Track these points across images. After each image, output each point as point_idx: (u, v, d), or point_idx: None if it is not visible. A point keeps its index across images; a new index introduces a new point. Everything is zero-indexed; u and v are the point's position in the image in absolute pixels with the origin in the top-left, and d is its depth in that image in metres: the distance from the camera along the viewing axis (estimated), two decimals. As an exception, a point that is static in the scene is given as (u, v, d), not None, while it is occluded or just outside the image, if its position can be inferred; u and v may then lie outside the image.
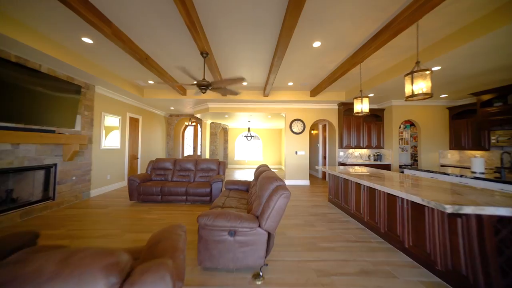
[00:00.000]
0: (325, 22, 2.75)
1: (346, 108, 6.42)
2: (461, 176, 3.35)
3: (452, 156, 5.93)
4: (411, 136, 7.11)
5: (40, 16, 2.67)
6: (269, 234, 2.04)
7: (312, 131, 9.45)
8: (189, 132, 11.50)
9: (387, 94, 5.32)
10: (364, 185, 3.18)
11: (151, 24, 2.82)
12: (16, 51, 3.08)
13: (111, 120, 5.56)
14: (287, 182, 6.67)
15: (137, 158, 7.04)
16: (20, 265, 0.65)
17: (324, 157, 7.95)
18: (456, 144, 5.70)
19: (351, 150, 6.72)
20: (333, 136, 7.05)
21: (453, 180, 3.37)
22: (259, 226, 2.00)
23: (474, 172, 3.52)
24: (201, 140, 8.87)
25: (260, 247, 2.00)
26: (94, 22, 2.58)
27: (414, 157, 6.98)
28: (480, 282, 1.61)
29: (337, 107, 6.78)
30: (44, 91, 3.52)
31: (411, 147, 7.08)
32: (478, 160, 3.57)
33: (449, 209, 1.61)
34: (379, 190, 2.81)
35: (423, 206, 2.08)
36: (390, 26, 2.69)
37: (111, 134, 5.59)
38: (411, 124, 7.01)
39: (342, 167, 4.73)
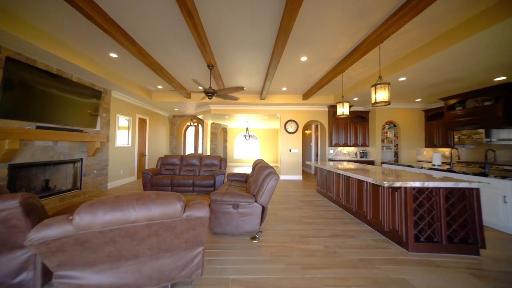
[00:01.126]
0: (308, 44, 3.46)
1: (335, 110, 7.12)
2: (421, 168, 4.08)
3: (427, 153, 6.68)
4: (394, 136, 7.85)
5: (80, 37, 3.33)
6: (263, 207, 2.74)
7: (306, 131, 10.17)
8: (190, 132, 12.15)
9: (369, 98, 6.04)
10: (341, 175, 3.90)
11: (169, 44, 3.50)
12: (56, 65, 3.73)
13: (122, 121, 6.22)
14: (282, 177, 7.38)
15: (145, 155, 7.69)
16: (137, 195, 1.34)
17: (317, 155, 8.67)
18: (430, 142, 6.46)
19: (339, 148, 7.44)
20: (324, 135, 7.77)
21: (415, 171, 4.09)
22: (255, 201, 2.69)
23: (434, 165, 4.25)
24: (203, 139, 9.54)
25: (256, 217, 2.69)
26: (123, 43, 3.25)
27: (397, 155, 7.73)
28: (403, 234, 2.32)
29: (327, 109, 7.50)
30: (74, 97, 4.17)
31: (395, 146, 7.82)
32: (437, 155, 4.30)
33: (386, 184, 2.32)
34: (353, 178, 3.52)
35: (378, 186, 2.79)
36: (360, 47, 3.41)
37: (122, 134, 6.24)
38: (394, 124, 7.75)
39: (331, 163, 5.44)
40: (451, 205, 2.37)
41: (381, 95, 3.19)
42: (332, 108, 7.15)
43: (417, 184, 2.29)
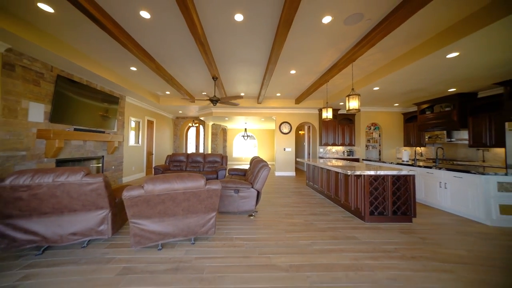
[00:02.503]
0: (296, 60, 4.26)
1: (324, 113, 7.94)
2: (391, 163, 4.91)
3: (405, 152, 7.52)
4: (379, 136, 8.69)
5: (110, 57, 4.10)
6: (258, 192, 3.54)
7: (300, 132, 10.99)
8: (191, 132, 12.91)
9: (352, 103, 6.86)
10: (324, 169, 4.71)
11: (182, 61, 4.28)
12: (87, 77, 4.50)
13: (134, 123, 6.97)
14: (277, 174, 8.19)
15: (152, 154, 8.45)
16: (176, 174, 2.13)
17: (309, 153, 9.49)
18: (407, 142, 7.31)
19: (329, 147, 8.27)
20: (315, 135, 8.59)
21: (385, 165, 4.92)
22: (252, 187, 3.49)
23: (403, 161, 5.08)
24: (204, 139, 10.31)
25: (253, 199, 3.49)
26: (144, 60, 4.02)
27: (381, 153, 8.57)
28: (362, 210, 3.14)
29: (317, 112, 8.32)
30: (98, 103, 4.93)
31: (379, 145, 8.67)
32: (405, 153, 5.14)
33: (349, 172, 3.13)
34: (332, 171, 4.33)
35: (348, 176, 3.60)
36: (337, 64, 4.22)
37: (134, 134, 7.00)
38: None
39: (321, 160, 6.24)
40: (397, 188, 3.19)
41: (353, 104, 4.00)
42: (322, 111, 7.97)
43: (372, 172, 3.10)
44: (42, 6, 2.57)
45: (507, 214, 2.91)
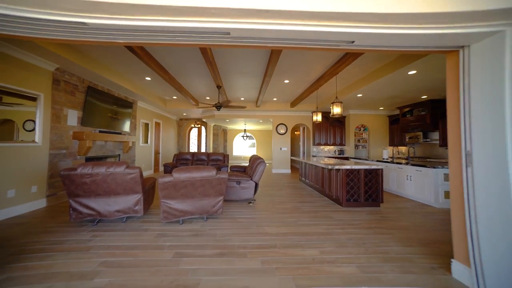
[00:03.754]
0: (288, 72, 4.99)
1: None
2: (372, 160, 5.66)
3: (390, 151, 8.29)
4: (368, 136, 9.44)
5: (131, 70, 4.82)
6: (256, 183, 4.27)
7: (296, 132, 11.73)
8: (193, 133, 13.62)
9: (344, 106, 7.61)
10: (312, 165, 5.45)
11: (191, 74, 5.01)
12: (108, 86, 5.21)
13: (143, 124, 7.69)
14: (274, 171, 8.93)
15: (159, 153, 9.16)
16: (195, 167, 2.86)
17: (304, 152, 10.24)
18: (391, 142, 8.07)
19: (321, 147, 9.01)
20: (309, 136, 9.33)
21: (365, 162, 5.66)
22: (251, 179, 4.22)
23: (383, 159, 5.83)
24: (206, 139, 11.03)
25: (252, 189, 4.22)
26: (159, 72, 4.73)
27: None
28: (340, 198, 3.88)
29: (311, 114, 9.06)
30: (116, 108, 5.64)
31: (368, 145, 9.42)
32: (385, 151, 5.89)
33: (330, 167, 3.88)
34: (319, 166, 5.06)
35: (330, 169, 4.34)
36: (324, 76, 4.96)
37: (143, 135, 7.72)
38: (366, 127, 9.34)
39: (314, 158, 6.98)
40: (369, 180, 3.94)
41: (337, 109, 4.73)
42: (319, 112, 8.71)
43: (348, 167, 3.85)
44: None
45: (449, 198, 3.67)
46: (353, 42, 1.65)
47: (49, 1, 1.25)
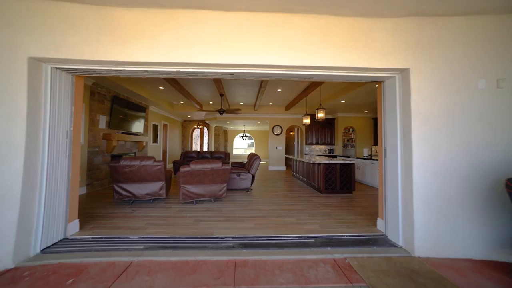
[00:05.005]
0: (280, 85, 5.93)
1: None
2: (354, 157, 6.61)
3: (369, 150, 9.22)
4: (356, 137, 10.39)
5: (146, 80, 5.74)
6: (252, 175, 5.20)
7: (291, 133, 12.67)
8: (196, 133, 14.55)
9: (333, 109, 8.58)
10: (301, 161, 6.39)
11: (199, 85, 5.94)
12: (127, 94, 6.13)
13: (154, 126, 8.62)
14: (270, 168, 9.87)
15: (166, 152, 10.09)
16: (206, 159, 3.80)
17: (298, 151, 11.18)
18: (375, 142, 9.02)
19: (313, 146, 9.95)
20: (302, 136, 10.27)
21: (343, 158, 6.60)
22: (248, 172, 5.16)
23: (364, 156, 6.77)
24: (208, 139, 11.95)
25: (249, 180, 5.16)
26: (173, 84, 5.66)
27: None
28: (321, 187, 4.82)
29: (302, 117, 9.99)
30: (133, 112, 6.56)
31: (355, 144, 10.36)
32: (365, 150, 6.84)
33: (311, 162, 4.82)
34: (306, 162, 6.00)
35: (313, 164, 5.28)
36: (309, 87, 5.90)
37: (154, 135, 8.64)
38: (354, 128, 10.28)
39: (307, 156, 7.90)
40: (344, 172, 4.88)
41: (320, 115, 5.69)
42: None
43: (326, 162, 4.79)
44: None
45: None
46: (312, 78, 2.60)
47: (133, 59, 2.18)
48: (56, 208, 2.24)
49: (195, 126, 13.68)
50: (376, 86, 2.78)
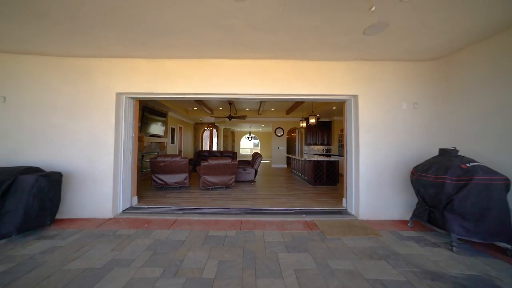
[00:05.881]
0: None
1: (307, 121, 10.70)
2: (336, 155, 7.69)
3: (367, 149, 10.21)
4: (352, 138, 11.36)
5: (170, 93, 7.02)
6: (255, 170, 6.38)
7: (293, 134, 13.77)
8: (206, 135, 15.87)
9: (329, 113, 9.64)
10: (298, 159, 7.51)
11: (211, 95, 7.18)
12: (153, 103, 7.44)
13: (172, 129, 9.95)
14: (273, 166, 11.02)
15: (181, 151, 11.42)
16: (219, 157, 5.02)
17: (298, 151, 12.27)
18: (367, 142, 9.98)
19: (312, 146, 11.02)
20: (302, 138, 11.36)
21: (336, 158, 7.67)
22: (252, 167, 6.34)
23: (352, 155, 7.81)
24: (217, 140, 13.22)
25: (253, 174, 6.34)
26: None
27: (351, 151, 11.25)
28: (311, 179, 5.94)
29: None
30: (156, 117, 7.87)
31: (351, 144, 11.34)
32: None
33: (304, 158, 5.95)
34: (301, 160, 7.11)
35: (309, 161, 6.39)
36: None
37: (171, 137, 9.98)
38: (350, 130, 11.27)
39: (305, 155, 9.01)
40: (330, 168, 5.97)
41: (312, 120, 6.82)
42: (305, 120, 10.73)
43: (315, 159, 5.90)
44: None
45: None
46: (294, 100, 3.75)
47: (175, 91, 3.40)
48: (127, 187, 3.50)
49: (205, 128, 14.99)
50: (344, 103, 3.89)
